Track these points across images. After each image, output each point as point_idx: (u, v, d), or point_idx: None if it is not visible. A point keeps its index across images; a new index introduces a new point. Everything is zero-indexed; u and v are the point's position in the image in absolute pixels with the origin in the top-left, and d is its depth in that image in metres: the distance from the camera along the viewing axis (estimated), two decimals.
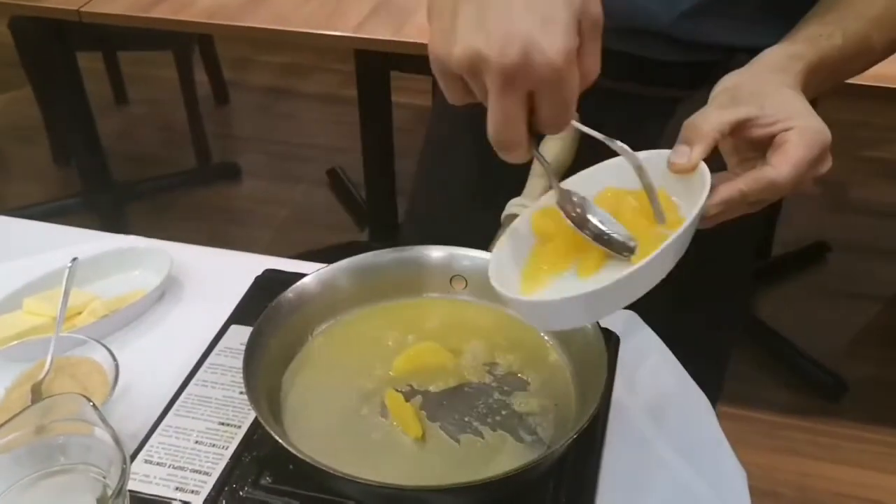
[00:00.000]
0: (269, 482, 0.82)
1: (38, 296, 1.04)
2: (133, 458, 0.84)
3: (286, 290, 0.93)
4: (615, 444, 0.89)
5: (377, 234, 2.78)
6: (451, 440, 0.83)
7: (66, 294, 0.98)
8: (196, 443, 0.86)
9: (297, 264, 1.09)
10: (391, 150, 2.61)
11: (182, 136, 3.20)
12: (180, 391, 0.92)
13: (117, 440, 0.67)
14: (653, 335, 1.01)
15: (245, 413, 0.89)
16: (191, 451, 0.85)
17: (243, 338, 0.87)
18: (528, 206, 0.82)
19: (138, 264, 1.14)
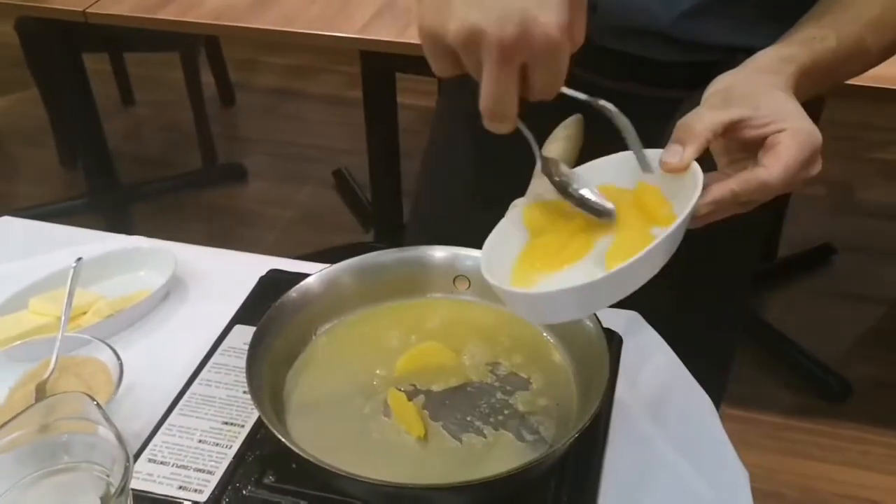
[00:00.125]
0: (273, 481, 0.82)
1: (44, 296, 1.05)
2: (137, 456, 0.84)
3: (290, 290, 0.93)
4: (617, 443, 0.89)
5: (383, 235, 2.78)
6: (454, 439, 0.84)
7: (70, 294, 0.98)
8: (200, 442, 0.86)
9: (301, 265, 1.09)
10: (397, 151, 2.61)
11: (188, 138, 3.20)
12: (184, 390, 0.92)
13: (120, 439, 0.67)
14: (655, 335, 1.01)
15: (248, 412, 0.89)
16: (194, 450, 0.85)
17: (247, 337, 0.87)
18: (530, 194, 0.83)
19: (143, 264, 1.14)
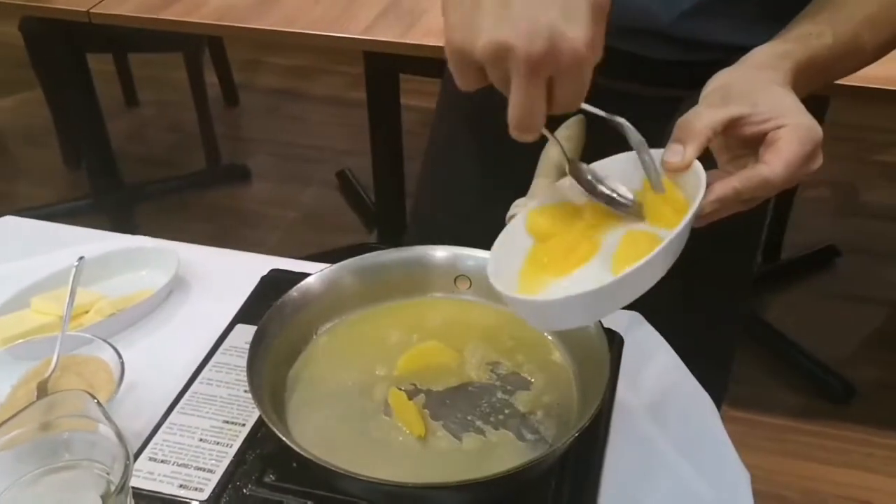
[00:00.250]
0: (273, 480, 0.82)
1: (46, 295, 1.05)
2: (138, 455, 0.84)
3: (291, 290, 0.93)
4: (618, 443, 0.89)
5: (386, 235, 2.78)
6: (454, 439, 0.84)
7: (72, 293, 0.98)
8: (200, 440, 0.86)
9: (303, 264, 1.09)
10: (400, 152, 2.61)
11: (192, 138, 3.21)
12: (185, 389, 0.92)
13: (121, 437, 0.67)
14: (656, 335, 1.01)
15: (249, 411, 0.89)
16: (195, 448, 0.85)
17: (248, 337, 0.87)
18: (533, 200, 0.83)
19: (145, 264, 1.14)
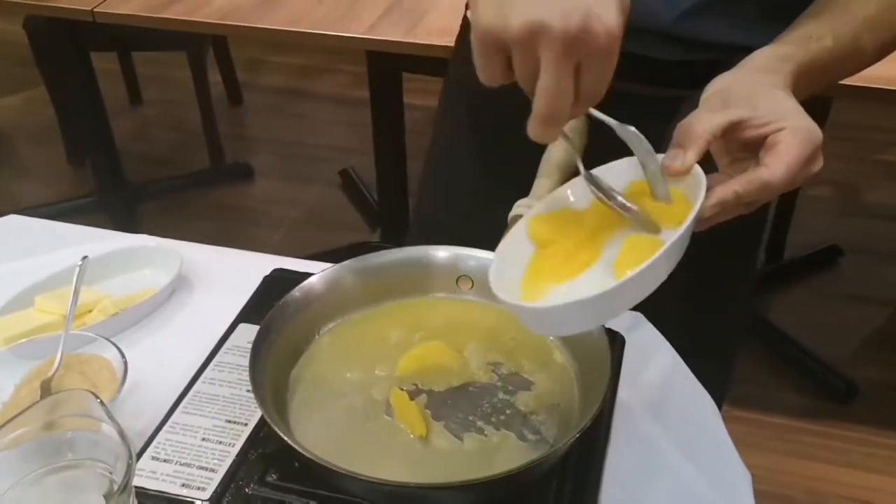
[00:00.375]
0: (275, 479, 0.82)
1: (50, 294, 1.05)
2: (140, 454, 0.85)
3: (293, 290, 0.93)
4: (619, 443, 0.89)
5: (389, 234, 2.78)
6: (455, 439, 0.84)
7: (76, 292, 0.99)
8: (203, 440, 0.87)
9: (306, 264, 1.10)
10: (403, 151, 2.61)
11: (195, 137, 3.21)
12: (188, 389, 0.93)
13: (123, 436, 0.68)
14: (658, 335, 1.01)
15: (252, 411, 0.89)
16: (197, 448, 0.86)
17: (251, 336, 0.87)
18: (534, 207, 0.83)
19: (148, 263, 1.15)
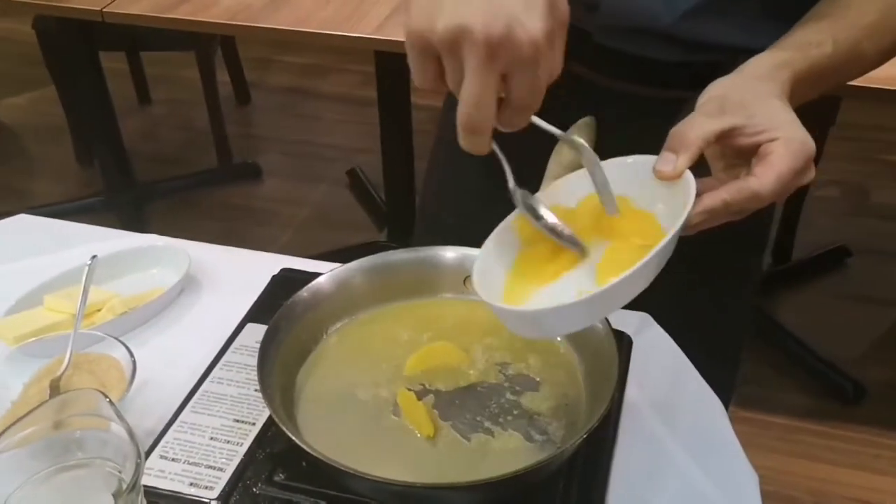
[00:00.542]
0: (283, 479, 0.83)
1: (59, 293, 1.06)
2: (149, 453, 0.85)
3: (301, 290, 0.94)
4: (626, 444, 0.89)
5: (396, 234, 2.79)
6: (463, 439, 0.84)
7: (85, 291, 0.99)
8: (211, 439, 0.87)
9: (314, 264, 1.10)
10: (410, 150, 2.62)
11: (204, 136, 3.22)
12: (196, 388, 0.93)
13: (132, 435, 0.68)
14: (665, 336, 1.01)
15: (260, 410, 0.90)
16: (206, 447, 0.86)
17: (259, 336, 0.88)
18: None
19: (157, 262, 1.15)
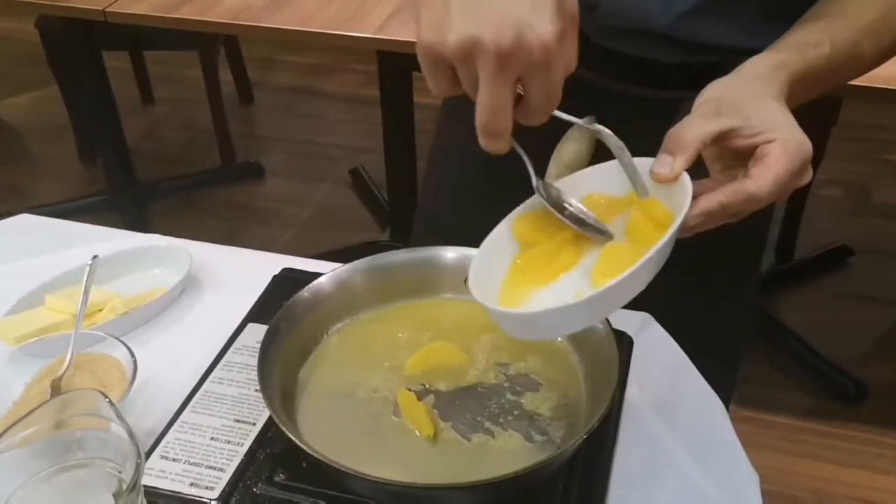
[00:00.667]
0: (283, 479, 0.83)
1: (60, 293, 1.06)
2: (149, 453, 0.85)
3: (302, 290, 0.94)
4: (627, 444, 0.89)
5: (398, 233, 2.79)
6: (463, 439, 0.84)
7: (86, 291, 0.99)
8: (211, 439, 0.87)
9: (315, 264, 1.10)
10: (413, 150, 2.62)
11: (206, 136, 3.22)
12: (197, 388, 0.93)
13: (132, 435, 0.68)
14: (666, 336, 1.01)
15: (260, 410, 0.90)
16: (206, 447, 0.86)
17: (260, 336, 0.88)
18: (519, 207, 0.83)
19: (158, 262, 1.15)
